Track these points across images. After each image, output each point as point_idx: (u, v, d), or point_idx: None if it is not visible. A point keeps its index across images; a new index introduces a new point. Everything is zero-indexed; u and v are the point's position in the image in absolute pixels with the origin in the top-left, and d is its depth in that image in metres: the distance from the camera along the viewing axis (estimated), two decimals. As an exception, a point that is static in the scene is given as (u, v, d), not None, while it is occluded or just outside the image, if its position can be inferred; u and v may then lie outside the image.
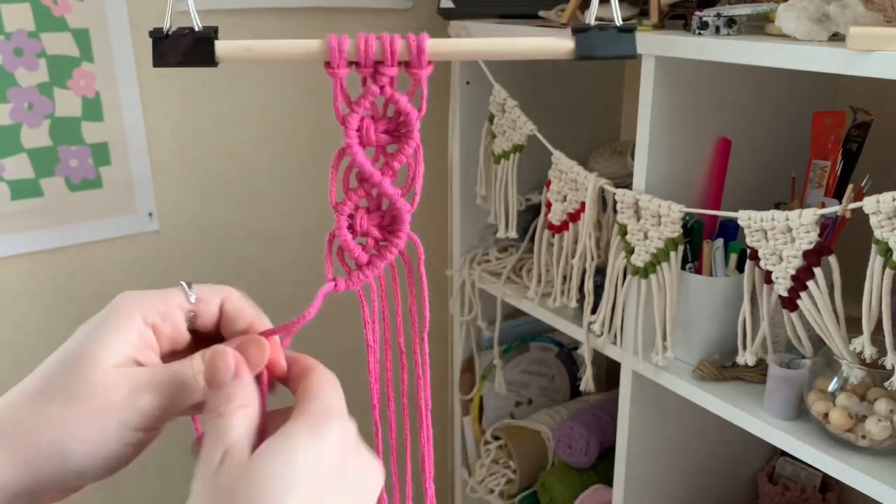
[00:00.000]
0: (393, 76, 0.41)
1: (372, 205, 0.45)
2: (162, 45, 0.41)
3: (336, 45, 0.40)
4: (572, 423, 1.34)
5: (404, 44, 0.41)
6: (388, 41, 0.40)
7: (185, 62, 0.41)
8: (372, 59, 0.41)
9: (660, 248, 0.96)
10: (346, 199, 0.45)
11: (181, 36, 0.41)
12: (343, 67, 0.41)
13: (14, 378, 0.41)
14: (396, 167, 0.44)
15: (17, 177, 1.18)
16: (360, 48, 0.40)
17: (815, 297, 0.82)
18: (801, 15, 0.80)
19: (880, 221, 0.74)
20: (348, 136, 0.43)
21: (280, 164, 1.40)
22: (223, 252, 1.39)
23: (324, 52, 0.40)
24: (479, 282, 1.34)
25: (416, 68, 0.41)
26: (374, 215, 0.45)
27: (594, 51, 0.41)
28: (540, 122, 1.14)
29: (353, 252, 0.45)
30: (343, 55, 0.40)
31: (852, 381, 0.85)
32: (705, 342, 1.01)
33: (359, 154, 0.43)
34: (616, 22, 0.41)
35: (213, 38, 0.41)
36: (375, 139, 0.43)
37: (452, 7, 1.28)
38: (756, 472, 1.27)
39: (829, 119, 0.97)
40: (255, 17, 1.29)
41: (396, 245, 0.45)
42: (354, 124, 0.43)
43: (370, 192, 0.45)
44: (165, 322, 0.42)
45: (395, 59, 0.41)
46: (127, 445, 0.40)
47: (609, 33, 0.41)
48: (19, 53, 1.14)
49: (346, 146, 0.43)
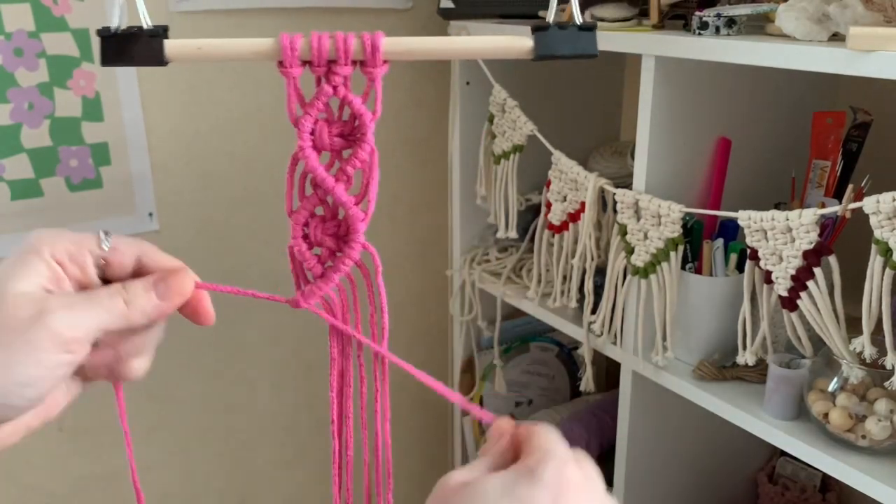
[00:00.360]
0: (347, 75, 0.40)
1: (327, 213, 0.43)
2: (110, 44, 0.40)
3: (288, 44, 0.39)
4: (572, 423, 1.34)
5: (358, 42, 0.39)
6: (342, 39, 0.39)
7: (134, 61, 0.40)
8: (325, 58, 0.39)
9: (660, 248, 0.96)
10: (301, 206, 0.43)
11: (130, 35, 0.40)
12: (296, 66, 0.39)
13: (14, 378, 0.41)
14: (351, 172, 0.42)
15: (17, 177, 1.18)
16: (312, 46, 0.39)
17: (815, 297, 0.82)
18: (801, 15, 0.80)
19: (880, 221, 0.74)
20: (302, 139, 0.41)
21: (280, 164, 1.40)
22: (223, 252, 1.39)
23: (276, 51, 0.39)
24: (479, 282, 1.34)
25: (371, 67, 0.40)
26: (329, 224, 0.43)
27: (554, 50, 0.40)
28: (540, 122, 1.14)
29: (307, 262, 0.43)
30: (295, 53, 0.39)
31: (852, 381, 0.85)
32: (705, 342, 1.01)
33: (311, 158, 0.41)
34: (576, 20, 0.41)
35: (162, 36, 0.39)
36: (329, 143, 0.42)
37: (452, 7, 1.28)
38: (756, 472, 1.27)
39: (829, 119, 0.97)
40: (256, 17, 1.29)
41: (350, 256, 0.43)
42: (308, 127, 0.41)
43: (325, 200, 0.43)
44: (73, 263, 0.42)
45: (349, 58, 0.40)
46: (56, 368, 0.41)
47: (569, 32, 0.40)
48: (19, 53, 1.14)
49: (299, 150, 0.41)
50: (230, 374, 1.46)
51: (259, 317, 1.45)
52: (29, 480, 1.30)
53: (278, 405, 1.52)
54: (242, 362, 1.46)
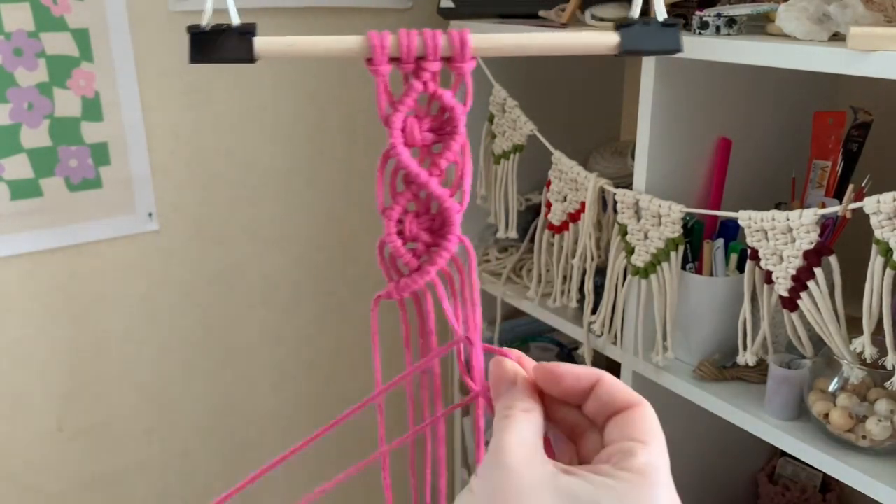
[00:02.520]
0: (435, 72, 0.40)
1: (420, 208, 0.43)
2: (199, 42, 0.41)
3: (378, 42, 0.39)
4: (572, 423, 1.34)
5: (446, 38, 0.40)
6: (430, 36, 0.39)
7: (223, 58, 0.40)
8: (414, 55, 0.40)
9: (660, 249, 0.96)
10: (394, 203, 0.43)
11: (220, 32, 0.40)
12: (385, 64, 0.40)
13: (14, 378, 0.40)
14: (443, 166, 0.42)
15: (17, 177, 1.18)
16: (402, 44, 0.39)
17: (816, 297, 0.82)
18: (802, 15, 0.80)
19: (881, 221, 0.74)
20: (393, 136, 0.41)
21: (280, 164, 1.40)
22: (223, 252, 1.39)
23: (365, 49, 0.40)
24: (479, 282, 1.34)
25: (459, 62, 0.40)
26: (423, 219, 0.43)
27: (639, 45, 0.40)
28: (540, 122, 1.14)
29: (403, 258, 0.43)
30: (385, 51, 0.39)
31: (853, 381, 0.85)
32: (705, 342, 1.01)
33: (404, 154, 0.41)
34: (659, 17, 0.41)
35: (252, 33, 0.40)
36: (420, 138, 0.42)
37: (452, 7, 1.27)
38: (756, 473, 1.27)
39: (829, 119, 0.97)
40: (255, 17, 1.29)
41: (447, 249, 0.42)
42: (399, 124, 0.41)
43: (418, 195, 0.43)
44: None
45: (438, 54, 0.40)
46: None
47: (653, 27, 0.41)
48: (19, 53, 1.13)
49: (391, 147, 0.41)
50: (230, 374, 1.45)
51: (259, 317, 1.45)
52: (29, 480, 1.30)
53: (278, 405, 1.52)
54: (242, 362, 1.46)
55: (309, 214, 1.46)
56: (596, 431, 0.37)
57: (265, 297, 1.45)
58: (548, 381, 0.38)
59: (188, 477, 1.46)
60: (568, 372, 0.38)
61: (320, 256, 1.49)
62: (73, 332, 1.29)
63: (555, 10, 1.12)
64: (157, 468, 1.42)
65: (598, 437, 0.37)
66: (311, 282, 1.49)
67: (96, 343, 1.32)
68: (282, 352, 1.49)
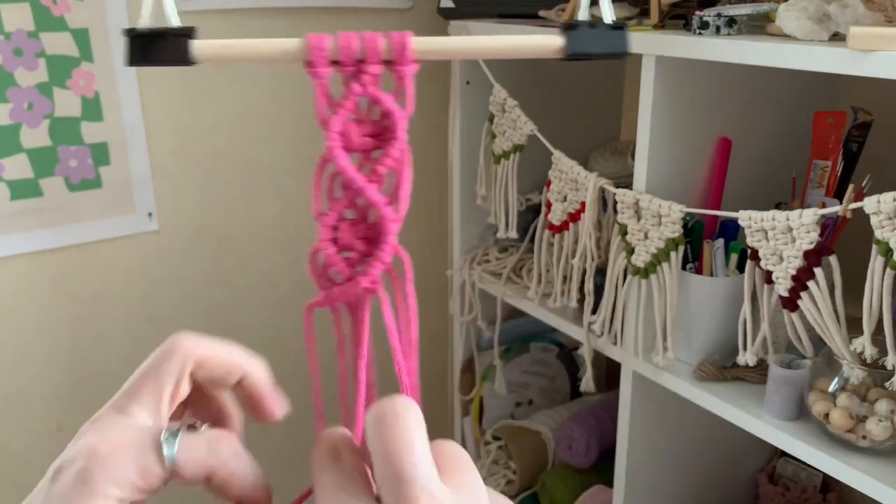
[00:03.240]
0: (376, 74, 0.40)
1: (358, 215, 0.42)
2: (136, 44, 0.40)
3: (317, 44, 0.39)
4: (572, 423, 1.34)
5: (387, 41, 0.39)
6: (371, 38, 0.39)
7: (160, 61, 0.39)
8: (354, 58, 0.39)
9: (660, 249, 0.96)
10: (330, 209, 0.42)
11: (157, 34, 0.39)
12: (324, 67, 0.39)
13: (14, 378, 0.40)
14: (382, 172, 0.41)
15: (17, 177, 1.18)
16: (341, 46, 0.39)
17: (816, 297, 0.82)
18: (802, 15, 0.80)
19: (881, 221, 0.73)
20: (330, 139, 0.40)
21: (280, 164, 1.40)
22: (223, 252, 1.39)
23: (304, 52, 0.39)
24: (479, 282, 1.34)
25: (400, 66, 0.39)
26: (359, 227, 0.42)
27: (585, 48, 0.40)
28: (540, 122, 1.14)
29: (336, 266, 0.42)
30: (324, 54, 0.39)
31: (853, 381, 0.85)
32: (706, 342, 1.01)
33: (341, 158, 0.40)
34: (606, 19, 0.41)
35: (190, 36, 0.39)
36: (359, 143, 0.41)
37: (452, 7, 1.28)
38: (756, 473, 1.27)
39: (829, 119, 0.97)
40: (256, 17, 1.29)
41: (381, 259, 0.41)
42: (337, 127, 0.40)
43: (355, 202, 0.42)
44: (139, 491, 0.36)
45: (378, 57, 0.39)
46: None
47: (600, 30, 0.40)
48: (19, 53, 1.13)
49: (328, 150, 0.40)
50: (230, 375, 1.45)
51: (259, 317, 1.45)
52: (29, 480, 1.30)
53: (278, 405, 1.52)
54: (242, 362, 1.46)
55: (309, 214, 1.45)
56: None
57: (265, 297, 1.45)
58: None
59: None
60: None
61: (320, 256, 1.49)
62: (73, 332, 1.29)
63: (555, 10, 1.12)
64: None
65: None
66: (311, 282, 1.48)
67: (96, 343, 1.32)
68: (282, 352, 1.49)
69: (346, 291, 0.42)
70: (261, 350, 1.34)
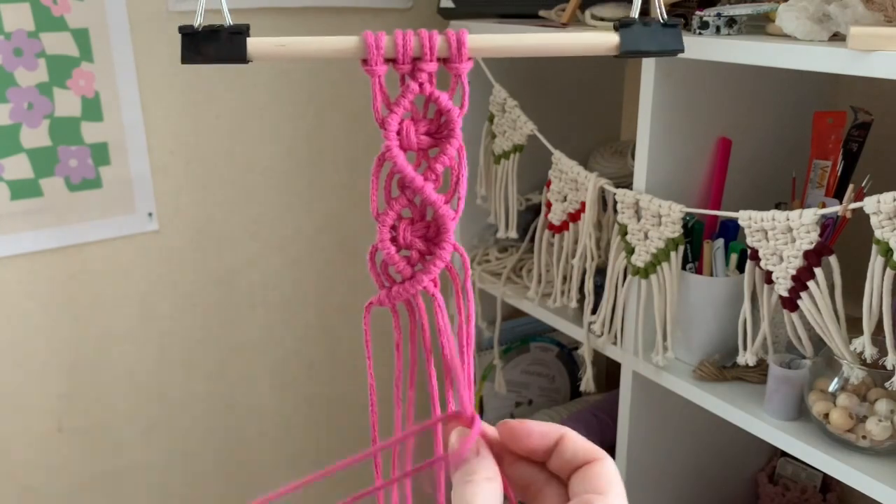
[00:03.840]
0: (432, 72, 0.39)
1: (416, 214, 0.42)
2: (192, 42, 0.40)
3: (373, 42, 0.38)
4: (572, 423, 1.34)
5: (443, 39, 0.39)
6: (427, 36, 0.39)
7: (215, 59, 0.39)
8: (410, 56, 0.39)
9: (660, 249, 0.96)
10: (388, 208, 0.41)
11: (212, 32, 0.39)
12: (381, 65, 0.39)
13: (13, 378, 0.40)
14: (439, 170, 0.41)
15: (17, 177, 1.18)
16: (397, 44, 0.39)
17: (816, 297, 0.82)
18: (802, 15, 0.80)
19: (881, 221, 0.73)
20: (388, 139, 0.40)
21: (280, 164, 1.40)
22: (223, 252, 1.39)
23: (360, 50, 0.39)
24: (479, 282, 1.34)
25: (456, 63, 0.39)
26: (418, 226, 0.42)
27: (639, 45, 0.39)
28: (540, 122, 1.14)
29: (397, 266, 0.42)
30: (380, 52, 0.39)
31: (853, 381, 0.85)
32: (706, 342, 1.01)
33: (399, 158, 0.40)
34: (660, 17, 0.40)
35: (245, 34, 0.39)
36: (417, 141, 0.41)
37: (452, 7, 1.27)
38: (756, 473, 1.27)
39: (829, 119, 0.97)
40: (256, 17, 1.29)
41: (441, 257, 0.41)
42: (394, 126, 0.40)
43: (413, 201, 0.42)
44: None
45: (435, 55, 0.39)
46: None
47: (653, 28, 0.40)
48: (19, 53, 1.13)
49: (386, 150, 0.40)
50: (230, 374, 1.45)
51: (259, 317, 1.45)
52: (29, 480, 1.30)
53: (278, 404, 1.52)
54: (242, 362, 1.46)
55: (309, 214, 1.46)
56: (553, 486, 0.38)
57: (265, 297, 1.45)
58: (514, 438, 0.38)
59: (188, 477, 1.45)
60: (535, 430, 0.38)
61: (320, 256, 1.49)
62: (73, 332, 1.29)
63: (555, 10, 1.12)
64: (156, 468, 1.41)
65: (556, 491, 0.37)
66: (311, 282, 1.49)
67: (96, 343, 1.32)
68: (282, 352, 1.49)
69: (408, 289, 0.42)
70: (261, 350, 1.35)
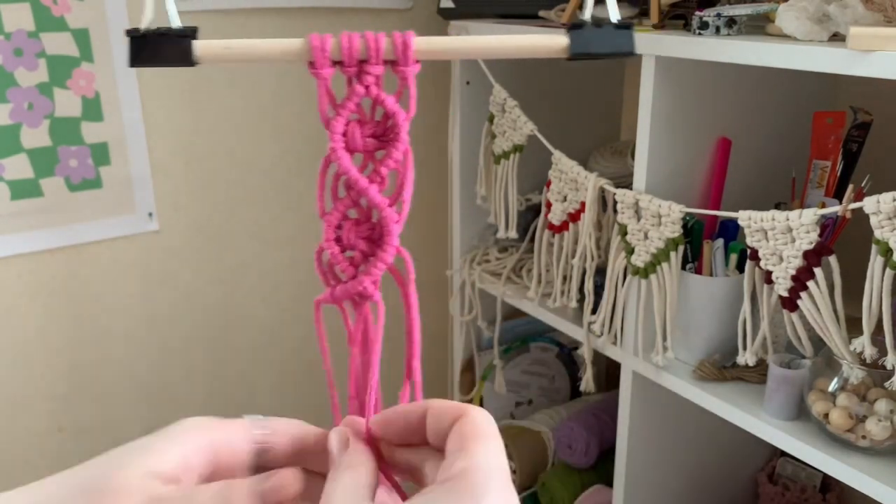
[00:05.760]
0: (378, 75, 0.39)
1: (361, 215, 0.43)
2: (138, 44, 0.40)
3: (319, 44, 0.38)
4: (572, 423, 1.34)
5: (389, 41, 0.39)
6: (373, 38, 0.39)
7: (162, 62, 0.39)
8: (356, 58, 0.39)
9: (660, 249, 0.96)
10: (334, 208, 0.42)
11: (159, 35, 0.39)
12: (327, 67, 0.39)
13: (14, 378, 0.40)
14: (384, 173, 0.41)
15: (17, 177, 1.18)
16: (343, 46, 0.39)
17: (816, 297, 0.82)
18: (802, 15, 0.80)
19: (880, 221, 0.74)
20: (333, 140, 0.40)
21: (280, 164, 1.40)
22: (223, 252, 1.39)
23: (306, 52, 0.39)
24: (479, 282, 1.34)
25: (403, 66, 0.39)
26: (362, 227, 0.43)
27: (590, 48, 0.39)
28: (540, 122, 1.14)
29: (340, 265, 0.42)
30: (326, 54, 0.39)
31: (852, 381, 0.85)
32: (705, 342, 1.01)
33: (344, 159, 0.41)
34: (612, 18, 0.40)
35: (191, 37, 0.39)
36: (362, 144, 0.41)
37: (452, 7, 1.28)
38: (756, 473, 1.27)
39: (829, 119, 0.97)
40: (256, 17, 1.29)
41: (383, 259, 0.41)
42: (340, 128, 0.40)
43: (358, 202, 0.42)
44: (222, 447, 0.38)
45: (381, 57, 0.39)
46: None
47: (605, 30, 0.39)
48: (19, 53, 1.13)
49: (331, 151, 0.40)
50: (230, 374, 1.45)
51: (259, 317, 1.45)
52: (29, 480, 1.30)
53: (278, 405, 1.52)
54: (242, 362, 1.46)
55: (309, 214, 1.46)
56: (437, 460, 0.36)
57: (265, 297, 1.45)
58: (384, 428, 0.38)
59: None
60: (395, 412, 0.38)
61: (320, 256, 1.49)
62: (73, 332, 1.29)
63: (555, 10, 1.12)
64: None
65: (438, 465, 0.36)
66: (311, 282, 1.49)
67: (96, 343, 1.32)
68: (282, 352, 1.49)
69: (349, 290, 0.42)
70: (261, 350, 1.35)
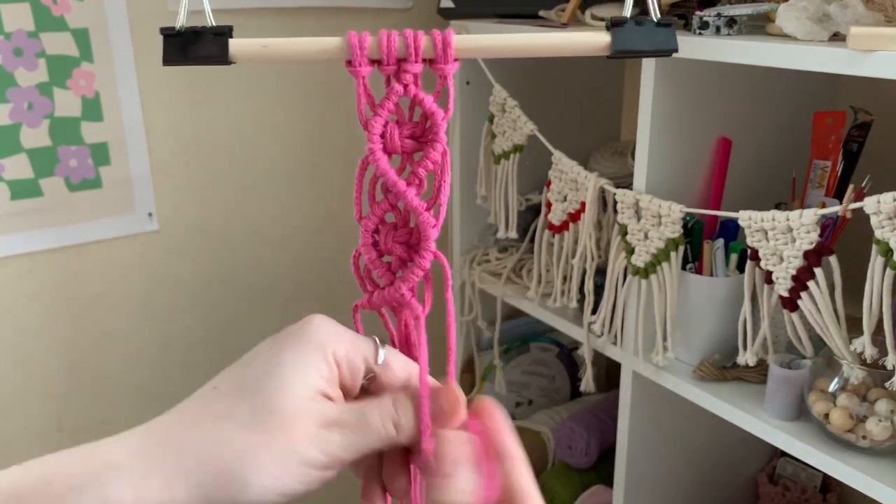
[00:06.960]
0: (417, 73, 0.39)
1: (399, 220, 0.41)
2: (173, 43, 0.39)
3: (357, 43, 0.38)
4: (572, 423, 1.34)
5: (429, 39, 0.38)
6: (412, 37, 0.38)
7: (197, 60, 0.38)
8: (395, 56, 0.38)
9: (660, 249, 0.96)
10: (371, 212, 0.41)
11: (194, 34, 0.39)
12: (365, 66, 0.38)
13: (14, 378, 0.40)
14: (423, 175, 0.40)
15: (17, 177, 1.18)
16: (382, 45, 0.38)
17: (816, 297, 0.82)
18: (802, 15, 0.80)
19: (881, 221, 0.73)
20: (372, 141, 0.39)
21: (280, 164, 1.40)
22: (223, 252, 1.39)
23: (344, 50, 0.38)
24: (479, 282, 1.34)
25: (442, 64, 0.38)
26: (400, 232, 0.41)
27: (631, 45, 0.38)
28: (540, 122, 1.14)
29: (378, 271, 0.41)
30: (364, 52, 0.38)
31: (853, 381, 0.85)
32: (706, 342, 1.01)
33: (382, 161, 0.40)
34: (653, 16, 0.38)
35: (227, 35, 0.38)
36: (401, 145, 0.40)
37: (452, 7, 1.27)
38: (756, 473, 1.27)
39: (829, 119, 0.97)
40: (256, 17, 1.29)
41: (420, 266, 0.40)
42: (378, 129, 0.39)
43: (396, 206, 0.41)
44: (347, 368, 0.38)
45: (420, 55, 0.38)
46: (302, 484, 0.36)
47: (646, 28, 0.38)
48: (19, 53, 1.13)
49: (370, 153, 0.39)
50: (230, 375, 1.45)
51: (259, 317, 1.45)
52: (29, 481, 1.30)
53: (278, 405, 1.52)
54: (242, 362, 1.46)
55: (309, 214, 1.46)
56: None
57: (265, 297, 1.45)
58: None
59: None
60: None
61: (320, 256, 1.49)
62: (73, 332, 1.29)
63: (555, 10, 1.12)
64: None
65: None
66: (311, 282, 1.48)
67: (96, 343, 1.32)
68: (282, 352, 1.49)
69: (386, 297, 0.41)
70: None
